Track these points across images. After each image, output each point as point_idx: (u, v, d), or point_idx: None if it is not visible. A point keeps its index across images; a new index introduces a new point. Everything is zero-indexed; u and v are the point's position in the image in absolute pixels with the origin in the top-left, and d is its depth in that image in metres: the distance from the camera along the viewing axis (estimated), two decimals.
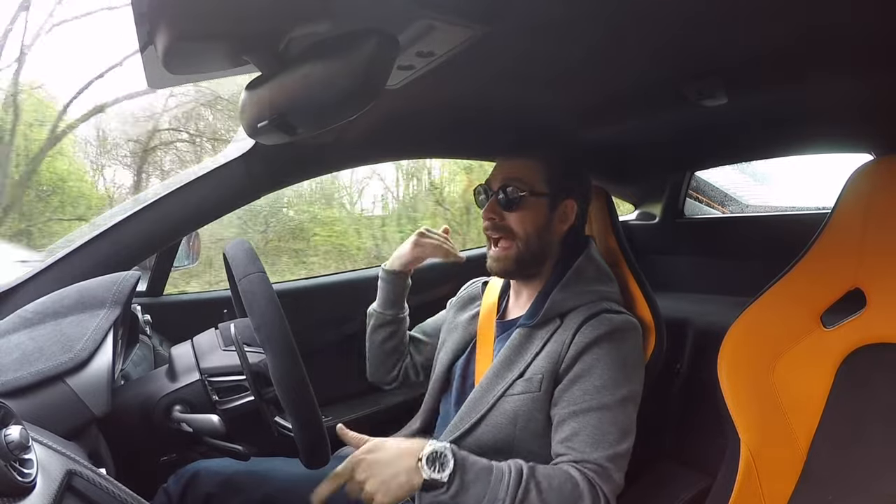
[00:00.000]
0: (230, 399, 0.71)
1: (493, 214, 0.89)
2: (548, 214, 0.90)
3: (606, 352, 0.80)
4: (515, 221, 0.89)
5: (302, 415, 0.62)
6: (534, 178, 0.89)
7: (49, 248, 0.89)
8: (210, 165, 0.90)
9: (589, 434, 0.76)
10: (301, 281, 1.47)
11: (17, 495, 0.39)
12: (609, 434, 0.76)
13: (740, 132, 1.11)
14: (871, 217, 0.75)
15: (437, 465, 0.69)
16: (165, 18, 0.47)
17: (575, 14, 0.60)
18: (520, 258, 0.89)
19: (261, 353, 0.69)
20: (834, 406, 0.76)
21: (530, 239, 0.89)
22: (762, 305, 0.83)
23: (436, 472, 0.68)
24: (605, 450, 0.75)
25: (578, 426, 0.77)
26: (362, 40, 0.48)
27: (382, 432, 1.08)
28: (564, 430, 0.78)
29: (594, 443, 0.75)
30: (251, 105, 0.55)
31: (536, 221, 0.89)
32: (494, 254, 0.91)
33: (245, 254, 0.65)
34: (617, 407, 0.78)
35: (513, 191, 0.88)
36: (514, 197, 0.88)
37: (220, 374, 0.71)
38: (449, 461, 0.69)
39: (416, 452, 0.69)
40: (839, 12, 0.59)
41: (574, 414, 0.78)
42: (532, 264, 0.91)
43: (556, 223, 0.91)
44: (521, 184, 0.88)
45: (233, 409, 0.71)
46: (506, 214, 0.89)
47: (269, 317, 0.61)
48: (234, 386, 0.71)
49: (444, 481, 0.68)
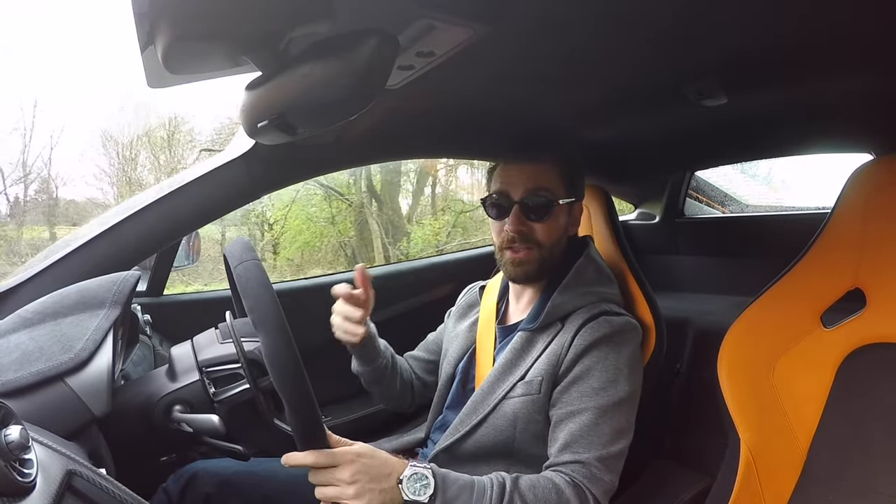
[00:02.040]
0: (226, 389, 0.70)
1: (521, 226, 0.85)
2: (566, 220, 0.89)
3: (605, 354, 0.80)
4: (543, 231, 0.86)
5: (295, 397, 0.60)
6: (557, 184, 0.86)
7: (49, 249, 0.89)
8: (210, 165, 0.90)
9: (581, 435, 0.75)
10: (301, 281, 1.47)
11: (17, 495, 0.39)
12: (602, 435, 0.75)
13: (740, 132, 1.11)
14: (871, 217, 0.75)
15: (419, 487, 0.66)
16: (166, 18, 0.47)
17: (575, 14, 0.60)
18: (543, 263, 0.87)
19: (257, 342, 0.68)
20: (834, 406, 0.76)
21: (553, 246, 0.87)
22: (762, 305, 0.83)
23: (416, 494, 0.66)
24: (597, 450, 0.74)
25: (573, 427, 0.76)
26: (362, 40, 0.48)
27: (383, 432, 1.09)
28: (559, 431, 0.78)
29: (587, 444, 0.75)
30: (251, 105, 0.55)
31: (559, 228, 0.88)
32: (517, 258, 0.87)
33: (241, 245, 0.65)
34: (613, 408, 0.77)
35: (541, 199, 0.84)
36: (542, 206, 0.84)
37: (217, 364, 0.71)
38: (430, 483, 0.67)
39: (399, 472, 0.66)
40: (839, 12, 0.59)
41: (569, 415, 0.78)
42: (552, 269, 0.89)
43: (570, 227, 0.90)
44: (547, 191, 0.85)
45: (229, 400, 0.70)
46: (533, 225, 0.86)
47: (262, 300, 0.60)
48: (229, 375, 0.71)
49: (426, 500, 0.66)
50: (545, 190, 0.85)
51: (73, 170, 7.35)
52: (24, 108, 5.06)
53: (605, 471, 0.74)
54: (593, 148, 1.21)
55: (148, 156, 5.80)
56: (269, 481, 0.86)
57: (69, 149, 5.81)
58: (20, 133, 5.06)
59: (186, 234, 1.16)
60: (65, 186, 5.70)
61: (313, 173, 1.07)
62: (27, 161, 5.18)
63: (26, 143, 5.12)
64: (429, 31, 0.58)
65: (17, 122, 5.01)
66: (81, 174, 6.83)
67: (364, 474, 0.64)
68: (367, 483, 0.64)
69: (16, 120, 5.00)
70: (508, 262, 0.88)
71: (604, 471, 0.74)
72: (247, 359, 0.68)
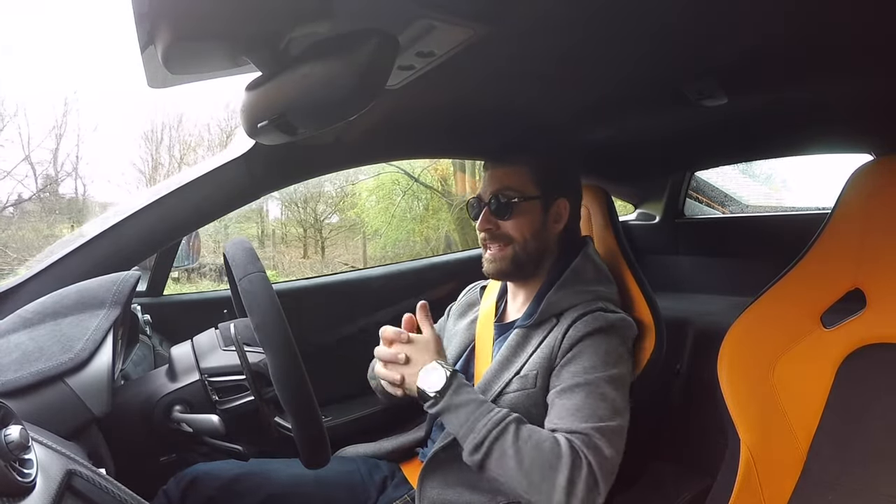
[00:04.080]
0: (230, 399, 0.71)
1: (488, 224, 0.90)
2: (542, 216, 0.91)
3: (598, 342, 0.81)
4: (511, 228, 0.90)
5: (302, 415, 0.62)
6: (523, 183, 0.90)
7: (48, 249, 0.89)
8: (210, 165, 0.90)
9: (576, 407, 0.76)
10: (301, 281, 1.47)
11: (17, 495, 0.39)
12: (598, 409, 0.76)
13: (740, 132, 1.11)
14: (871, 217, 0.75)
15: (434, 379, 0.77)
16: (166, 18, 0.47)
17: (575, 14, 0.60)
18: (516, 259, 0.90)
19: (261, 353, 0.69)
20: (834, 406, 0.76)
21: (527, 242, 0.90)
22: (762, 305, 0.83)
23: (428, 386, 0.77)
24: (594, 422, 0.74)
25: (565, 401, 0.77)
26: (362, 40, 0.48)
27: (383, 433, 1.09)
28: (554, 407, 0.79)
29: (581, 416, 0.75)
30: (251, 105, 0.55)
31: (532, 225, 0.90)
32: (490, 256, 0.91)
33: (245, 253, 0.65)
34: (605, 384, 0.78)
35: (504, 198, 0.89)
36: (505, 204, 0.89)
37: (220, 374, 0.71)
38: (441, 383, 0.77)
39: (425, 364, 0.79)
40: (839, 13, 0.59)
41: (563, 391, 0.78)
42: (529, 265, 0.91)
43: (550, 223, 0.92)
44: (511, 190, 0.89)
45: (233, 409, 0.71)
46: (500, 223, 0.90)
47: (269, 317, 0.61)
48: (234, 386, 0.71)
49: (431, 396, 0.77)
50: (511, 190, 0.89)
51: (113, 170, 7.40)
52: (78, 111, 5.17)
53: (604, 442, 0.73)
54: (593, 148, 1.21)
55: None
56: (271, 483, 0.86)
57: (113, 149, 5.90)
58: (55, 133, 5.13)
59: (186, 234, 1.16)
60: (105, 185, 5.80)
61: (313, 173, 1.07)
62: (73, 161, 5.26)
63: (77, 143, 5.22)
64: (429, 31, 0.58)
65: (57, 123, 5.09)
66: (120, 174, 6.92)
67: (414, 357, 0.81)
68: (414, 367, 0.80)
69: (57, 122, 5.08)
70: (485, 260, 0.93)
71: (602, 441, 0.73)
72: (251, 371, 0.68)
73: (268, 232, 6.56)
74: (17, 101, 4.96)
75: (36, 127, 5.16)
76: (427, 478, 0.85)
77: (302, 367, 0.62)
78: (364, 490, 0.92)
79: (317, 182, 5.92)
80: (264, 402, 0.70)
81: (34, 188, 5.20)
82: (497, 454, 0.72)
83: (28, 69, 5.68)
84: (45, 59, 5.70)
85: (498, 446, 0.72)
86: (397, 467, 0.98)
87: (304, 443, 0.64)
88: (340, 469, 0.94)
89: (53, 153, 5.25)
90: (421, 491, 0.85)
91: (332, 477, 0.91)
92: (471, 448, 0.74)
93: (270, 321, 0.61)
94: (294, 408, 0.61)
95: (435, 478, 0.85)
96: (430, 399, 0.77)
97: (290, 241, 6.58)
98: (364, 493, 0.92)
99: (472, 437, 0.73)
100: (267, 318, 0.61)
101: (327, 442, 0.65)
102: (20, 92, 5.25)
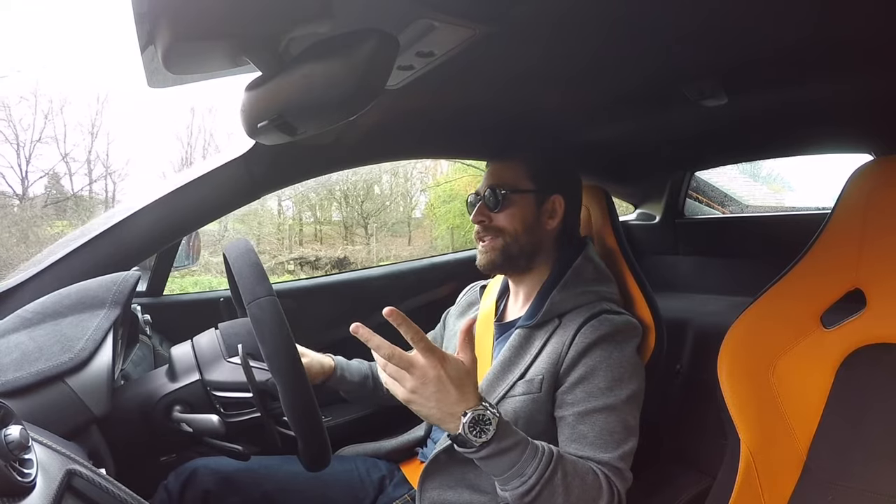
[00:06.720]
0: (237, 414, 0.70)
1: (482, 217, 0.92)
2: (535, 211, 0.92)
3: (608, 353, 0.81)
4: (503, 220, 0.91)
5: (310, 438, 0.64)
6: (516, 177, 0.92)
7: (49, 249, 0.89)
8: (210, 165, 0.90)
9: (597, 435, 0.77)
10: (301, 281, 1.47)
11: (17, 495, 0.39)
12: (616, 434, 0.77)
13: (740, 132, 1.11)
14: (871, 217, 0.75)
15: (479, 429, 0.66)
16: (166, 18, 0.47)
17: (575, 15, 0.60)
18: (506, 251, 0.91)
19: (267, 372, 0.68)
20: (834, 406, 0.76)
21: (519, 234, 0.91)
22: (762, 305, 0.83)
23: (474, 435, 0.66)
24: (615, 450, 0.76)
25: (586, 429, 0.77)
26: (362, 40, 0.48)
27: (383, 433, 1.09)
28: (573, 433, 0.78)
29: (604, 444, 0.76)
30: (251, 105, 0.55)
31: (524, 218, 0.91)
32: (482, 248, 0.93)
33: (252, 270, 0.65)
34: (622, 406, 0.78)
35: (497, 191, 0.91)
36: (498, 197, 0.91)
37: (227, 390, 0.70)
38: (490, 430, 0.66)
39: (466, 408, 0.66)
40: (839, 13, 0.59)
41: (581, 416, 0.78)
42: (520, 258, 0.92)
43: (544, 219, 0.93)
44: (506, 186, 0.91)
45: (239, 424, 0.71)
46: (493, 215, 0.92)
47: (282, 348, 0.61)
48: (240, 402, 0.71)
49: (477, 445, 0.66)
50: (504, 184, 0.92)
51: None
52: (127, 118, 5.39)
53: (624, 464, 0.77)
54: (594, 148, 1.21)
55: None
56: (269, 479, 0.86)
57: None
58: (90, 133, 5.20)
59: (187, 235, 1.16)
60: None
61: (313, 173, 1.07)
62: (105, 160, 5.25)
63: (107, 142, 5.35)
64: (429, 31, 0.58)
65: (95, 123, 5.16)
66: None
67: (427, 390, 0.65)
68: (425, 399, 0.65)
69: (96, 122, 5.15)
70: (478, 253, 0.94)
71: (623, 464, 0.77)
72: (259, 390, 0.68)
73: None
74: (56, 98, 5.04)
75: (71, 126, 5.27)
76: (428, 479, 0.85)
77: (311, 392, 0.63)
78: (362, 489, 0.92)
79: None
80: (271, 417, 0.70)
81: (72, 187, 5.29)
82: (547, 494, 0.69)
83: (67, 69, 5.83)
84: (82, 59, 5.80)
85: (549, 488, 0.69)
86: (396, 467, 0.98)
87: (309, 456, 0.66)
88: (339, 468, 0.94)
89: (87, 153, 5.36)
90: (421, 492, 0.85)
91: (330, 475, 0.91)
92: (521, 492, 0.68)
93: (283, 353, 0.61)
94: (303, 432, 0.63)
95: (436, 479, 0.85)
96: (473, 447, 0.67)
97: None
98: (362, 491, 0.92)
99: (521, 481, 0.68)
100: (280, 349, 0.61)
101: (329, 450, 0.66)
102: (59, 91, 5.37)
